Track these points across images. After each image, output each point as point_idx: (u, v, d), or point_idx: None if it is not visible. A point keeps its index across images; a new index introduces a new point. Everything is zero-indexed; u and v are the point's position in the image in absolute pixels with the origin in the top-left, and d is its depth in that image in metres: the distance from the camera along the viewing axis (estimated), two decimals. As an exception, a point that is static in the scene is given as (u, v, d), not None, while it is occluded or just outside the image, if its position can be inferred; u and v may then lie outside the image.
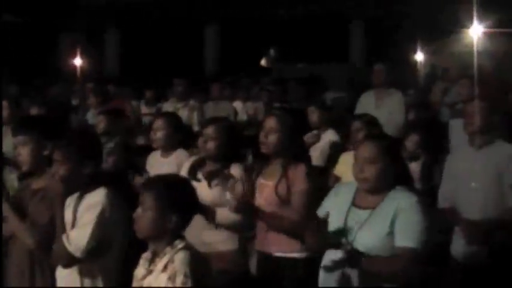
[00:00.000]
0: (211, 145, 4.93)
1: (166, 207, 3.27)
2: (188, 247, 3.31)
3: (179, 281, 3.15)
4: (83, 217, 3.89)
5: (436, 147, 8.12)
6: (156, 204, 3.27)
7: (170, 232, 3.30)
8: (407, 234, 3.67)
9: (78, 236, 3.84)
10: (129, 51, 24.06)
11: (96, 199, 3.90)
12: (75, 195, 4.04)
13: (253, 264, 5.02)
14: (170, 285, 3.16)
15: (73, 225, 3.96)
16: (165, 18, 23.24)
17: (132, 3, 23.36)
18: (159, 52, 22.68)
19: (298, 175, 4.48)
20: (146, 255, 3.42)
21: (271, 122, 4.60)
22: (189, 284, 3.14)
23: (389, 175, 3.80)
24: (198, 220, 4.72)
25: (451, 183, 5.30)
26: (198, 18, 23.84)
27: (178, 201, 3.33)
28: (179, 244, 3.30)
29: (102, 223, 3.85)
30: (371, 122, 6.16)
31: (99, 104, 10.00)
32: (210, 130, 4.98)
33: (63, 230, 3.96)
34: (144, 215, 3.29)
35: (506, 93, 9.12)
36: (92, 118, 9.46)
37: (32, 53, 22.12)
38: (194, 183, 4.75)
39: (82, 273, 3.95)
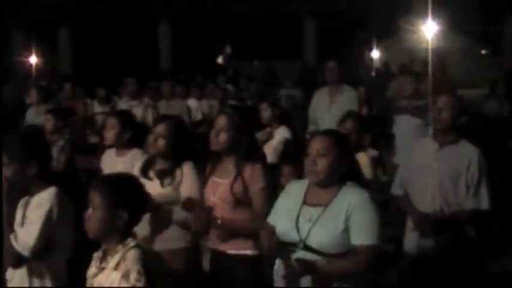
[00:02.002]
0: (161, 143, 4.92)
1: (114, 205, 3.26)
2: (139, 245, 3.31)
3: (133, 278, 3.14)
4: (31, 216, 3.87)
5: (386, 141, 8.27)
6: (104, 202, 3.26)
7: (120, 230, 3.28)
8: (364, 231, 3.71)
9: (25, 234, 3.81)
10: (82, 49, 23.87)
11: (44, 198, 3.88)
12: (26, 198, 4.00)
13: (205, 262, 5.03)
14: (124, 284, 3.15)
15: (22, 225, 3.93)
16: (118, 15, 23.09)
17: (83, 0, 23.18)
18: (111, 50, 22.55)
19: (255, 174, 4.51)
20: (98, 254, 3.40)
21: (221, 121, 4.61)
22: (143, 281, 3.13)
23: (341, 169, 3.85)
24: (149, 217, 4.76)
25: (408, 173, 5.35)
26: (151, 15, 23.74)
27: (127, 199, 3.32)
28: (131, 242, 3.28)
29: (49, 222, 3.82)
30: (360, 120, 6.23)
31: (40, 102, 9.89)
32: (159, 128, 4.97)
33: (10, 231, 3.91)
34: (93, 214, 3.27)
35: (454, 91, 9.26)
36: (34, 116, 9.36)
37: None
38: (146, 182, 4.76)
39: (31, 273, 3.91)
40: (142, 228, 4.71)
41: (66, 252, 3.95)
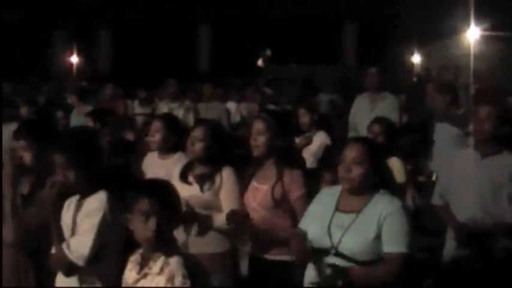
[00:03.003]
0: (198, 147, 4.92)
1: (165, 212, 3.27)
2: (180, 250, 3.36)
3: (178, 281, 3.19)
4: (83, 224, 3.83)
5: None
6: (158, 209, 3.26)
7: (162, 236, 3.30)
8: (395, 239, 3.73)
9: (79, 244, 3.77)
10: (122, 50, 24.04)
11: (96, 205, 3.83)
12: (74, 199, 3.99)
13: (243, 267, 5.03)
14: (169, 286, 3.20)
15: (72, 231, 3.89)
16: (158, 17, 23.21)
17: (125, 2, 23.33)
18: (151, 51, 22.67)
19: (294, 182, 4.51)
20: (135, 259, 3.41)
21: (259, 125, 4.62)
22: (188, 284, 3.19)
23: (374, 177, 3.87)
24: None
25: (448, 183, 5.30)
26: (191, 17, 23.82)
27: (171, 206, 3.34)
28: (172, 247, 3.31)
29: (103, 230, 3.78)
30: (389, 127, 6.19)
31: (81, 103, 9.95)
32: (196, 132, 4.97)
33: (59, 236, 3.89)
34: (147, 221, 3.26)
35: (502, 99, 9.12)
36: (76, 118, 9.40)
37: (26, 51, 22.08)
38: (185, 187, 4.78)
39: (82, 281, 3.87)
40: (179, 232, 4.77)
41: (116, 257, 3.84)
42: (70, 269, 3.81)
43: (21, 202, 4.24)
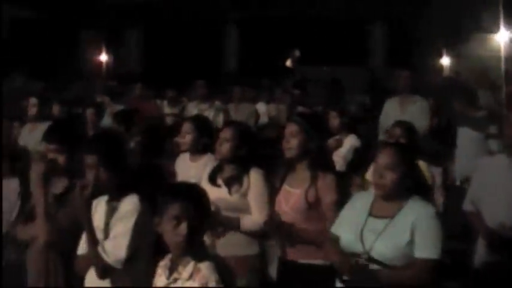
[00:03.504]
0: (225, 148, 4.94)
1: (196, 216, 3.26)
2: (210, 255, 3.33)
3: (212, 287, 3.17)
4: (117, 226, 3.84)
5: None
6: (194, 215, 3.24)
7: (194, 242, 3.29)
8: (428, 245, 3.72)
9: (115, 246, 3.79)
10: (151, 50, 24.12)
11: (130, 207, 3.85)
12: (102, 200, 4.01)
13: (272, 270, 5.02)
14: None
15: (105, 232, 3.91)
16: (186, 18, 23.26)
17: (155, 1, 23.40)
18: (180, 51, 22.72)
19: (327, 186, 4.50)
20: (164, 264, 3.40)
21: (291, 128, 4.62)
22: None
23: (407, 182, 3.85)
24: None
25: (480, 188, 5.26)
26: (219, 17, 23.85)
27: (203, 209, 3.33)
28: (202, 251, 3.30)
29: (137, 232, 3.80)
30: (410, 129, 6.14)
31: (111, 103, 9.98)
32: (225, 133, 4.99)
33: (93, 238, 3.90)
34: (178, 225, 3.24)
35: None
36: (106, 118, 9.41)
37: (55, 50, 22.24)
38: (214, 189, 4.79)
39: (114, 282, 3.89)
40: (208, 235, 4.78)
41: (147, 260, 3.88)
42: (105, 271, 3.82)
43: (53, 203, 4.26)
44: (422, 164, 5.79)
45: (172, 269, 3.33)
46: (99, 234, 3.91)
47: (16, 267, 5.81)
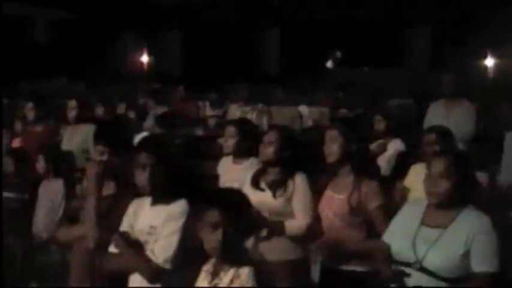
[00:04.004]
0: (269, 151, 4.92)
1: (234, 222, 3.23)
2: (251, 261, 3.29)
3: None
4: (165, 227, 3.80)
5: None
6: (226, 220, 3.21)
7: (235, 248, 3.27)
8: (486, 258, 3.62)
9: (164, 247, 3.76)
10: (191, 51, 24.21)
11: (179, 209, 3.81)
12: (146, 202, 3.97)
13: (315, 275, 4.99)
14: None
15: (150, 235, 3.86)
16: (227, 19, 23.33)
17: (194, 3, 23.50)
18: (220, 53, 22.77)
19: (372, 192, 4.44)
20: (207, 268, 3.39)
21: (332, 133, 4.60)
22: None
23: (462, 190, 3.76)
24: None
25: None
26: (259, 19, 23.87)
27: (243, 216, 3.30)
28: (244, 257, 3.27)
29: (185, 234, 3.75)
30: (445, 135, 6.03)
31: (154, 105, 10.01)
32: (269, 136, 4.98)
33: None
34: (214, 232, 3.22)
35: None
36: (151, 119, 9.40)
37: (95, 51, 22.45)
38: (257, 193, 4.77)
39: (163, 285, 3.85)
40: (250, 239, 4.75)
41: (191, 264, 3.70)
42: (155, 274, 3.79)
43: (103, 204, 4.26)
44: None
45: (214, 274, 3.32)
46: (143, 237, 3.87)
47: (59, 267, 5.90)
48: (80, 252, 4.33)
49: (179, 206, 3.82)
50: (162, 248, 3.76)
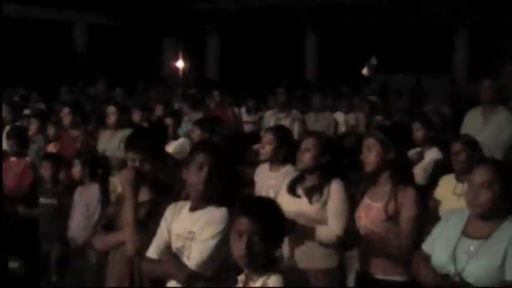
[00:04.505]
0: (306, 157, 4.90)
1: (265, 232, 3.20)
2: (281, 270, 3.27)
3: None
4: (204, 232, 3.77)
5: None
6: (263, 230, 3.20)
7: (265, 255, 3.24)
8: None
9: (200, 251, 3.72)
10: (228, 57, 24.28)
11: (220, 215, 3.77)
12: (185, 207, 3.95)
13: (351, 283, 4.95)
14: None
15: (187, 240, 3.84)
16: (264, 25, 23.35)
17: (233, 9, 23.56)
18: (258, 59, 22.81)
19: (408, 200, 4.38)
20: (241, 278, 3.37)
21: (369, 141, 4.55)
22: None
23: (504, 201, 3.67)
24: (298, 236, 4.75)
25: None
26: (297, 25, 23.86)
27: (275, 224, 3.28)
28: (273, 267, 3.25)
29: (223, 240, 3.67)
30: (472, 144, 5.95)
31: (190, 110, 10.02)
32: (305, 143, 4.96)
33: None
34: (239, 240, 3.21)
35: None
36: (185, 125, 9.40)
37: (132, 56, 22.61)
38: (294, 200, 4.75)
39: None
40: (286, 247, 4.73)
41: (228, 273, 3.75)
42: (189, 279, 3.75)
43: (141, 211, 4.25)
44: None
45: (245, 283, 3.31)
46: (180, 242, 3.85)
47: (95, 271, 5.94)
48: (118, 258, 4.32)
49: (220, 212, 3.78)
50: (197, 252, 3.73)
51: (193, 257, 3.73)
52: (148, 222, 4.14)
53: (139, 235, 4.09)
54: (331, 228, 4.78)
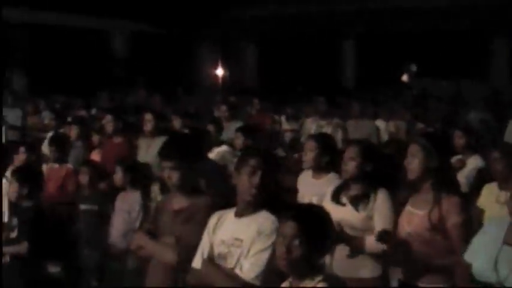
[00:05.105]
0: (351, 167, 4.87)
1: (313, 238, 3.19)
2: (326, 279, 3.22)
3: None
4: (255, 243, 3.71)
5: None
6: (306, 236, 3.18)
7: (311, 264, 3.22)
8: None
9: (254, 264, 3.68)
10: (267, 64, 24.31)
11: (271, 225, 3.70)
12: (229, 214, 3.93)
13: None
14: None
15: (231, 247, 3.80)
16: (302, 32, 23.34)
17: (271, 17, 23.59)
18: (296, 66, 22.80)
19: (452, 208, 4.34)
20: (285, 285, 3.35)
21: (413, 148, 4.50)
22: None
23: None
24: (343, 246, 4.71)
25: None
26: (335, 32, 23.82)
27: (321, 231, 3.25)
28: (317, 277, 3.21)
29: (274, 250, 3.55)
30: (511, 152, 5.86)
31: (230, 117, 10.01)
32: (349, 152, 4.94)
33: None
34: (289, 244, 3.19)
35: None
36: (226, 132, 9.38)
37: (171, 63, 22.73)
38: (338, 208, 4.72)
39: None
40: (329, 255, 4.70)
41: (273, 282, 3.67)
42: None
43: (174, 220, 4.24)
44: None
45: None
46: (225, 248, 3.82)
47: (135, 276, 5.95)
48: (159, 266, 4.31)
49: (271, 222, 3.71)
50: (252, 265, 3.67)
51: (247, 269, 3.68)
52: (185, 231, 4.14)
53: (177, 248, 4.10)
54: None
